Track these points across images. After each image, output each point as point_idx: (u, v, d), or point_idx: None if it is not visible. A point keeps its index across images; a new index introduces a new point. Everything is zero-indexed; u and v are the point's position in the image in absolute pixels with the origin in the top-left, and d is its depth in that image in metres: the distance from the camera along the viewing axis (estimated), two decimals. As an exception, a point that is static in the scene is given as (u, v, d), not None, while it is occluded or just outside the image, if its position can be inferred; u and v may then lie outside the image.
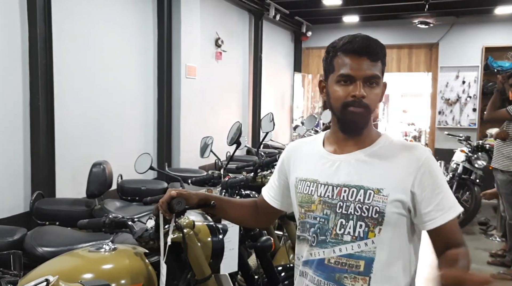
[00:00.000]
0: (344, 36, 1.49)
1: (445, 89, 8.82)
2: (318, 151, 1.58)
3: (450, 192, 1.46)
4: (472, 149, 6.62)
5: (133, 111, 5.05)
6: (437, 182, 1.44)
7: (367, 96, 1.43)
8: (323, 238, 1.48)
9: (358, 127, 1.49)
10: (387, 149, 1.49)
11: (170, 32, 5.42)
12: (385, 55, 1.49)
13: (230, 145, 3.17)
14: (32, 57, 3.69)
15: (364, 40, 1.45)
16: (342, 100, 1.45)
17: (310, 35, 9.64)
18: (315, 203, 1.51)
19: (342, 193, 1.46)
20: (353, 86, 1.43)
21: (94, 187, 3.27)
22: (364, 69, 1.43)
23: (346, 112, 1.45)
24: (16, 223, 3.25)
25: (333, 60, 1.48)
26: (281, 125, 9.06)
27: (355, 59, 1.43)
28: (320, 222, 1.49)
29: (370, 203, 1.42)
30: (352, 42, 1.45)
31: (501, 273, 4.76)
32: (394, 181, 1.43)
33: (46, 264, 1.85)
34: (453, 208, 1.44)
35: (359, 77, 1.42)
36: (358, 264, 1.43)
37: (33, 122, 3.73)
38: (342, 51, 1.46)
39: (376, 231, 1.42)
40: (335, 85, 1.47)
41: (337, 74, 1.45)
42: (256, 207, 1.80)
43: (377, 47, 1.45)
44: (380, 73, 1.46)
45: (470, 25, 8.58)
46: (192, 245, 1.95)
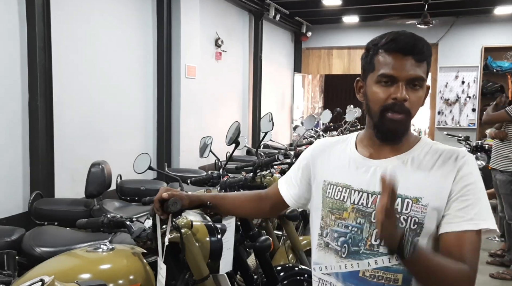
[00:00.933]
0: (386, 33, 1.37)
1: (444, 90, 8.82)
2: (351, 154, 1.47)
3: (482, 204, 1.31)
4: (471, 149, 6.61)
5: (133, 111, 5.05)
6: (470, 187, 1.31)
7: (409, 100, 1.31)
8: (356, 248, 1.37)
9: (397, 136, 1.38)
10: (426, 154, 1.38)
11: (170, 32, 5.42)
12: (431, 55, 1.38)
13: (229, 144, 3.17)
14: (31, 58, 3.69)
15: (410, 38, 1.33)
16: (381, 103, 1.34)
17: (310, 35, 9.65)
18: (347, 210, 1.40)
19: (377, 201, 1.32)
20: (394, 88, 1.32)
21: (93, 187, 3.26)
22: (408, 70, 1.31)
23: (384, 119, 1.34)
24: (14, 223, 3.25)
25: (374, 58, 1.36)
26: (281, 126, 9.05)
27: (399, 58, 1.32)
28: (353, 232, 1.38)
29: (408, 213, 1.31)
30: (396, 40, 1.33)
31: (500, 273, 4.76)
32: (433, 189, 1.32)
33: (43, 264, 1.84)
34: (473, 220, 1.28)
35: (402, 78, 1.31)
36: (396, 278, 1.32)
37: (32, 122, 3.73)
38: (385, 49, 1.34)
39: None
40: (374, 85, 1.35)
41: (378, 73, 1.34)
42: (259, 199, 1.74)
43: (423, 46, 1.34)
44: (425, 75, 1.35)
45: (470, 25, 8.59)
46: (190, 245, 1.94)
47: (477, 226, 1.28)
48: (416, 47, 1.32)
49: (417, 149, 1.39)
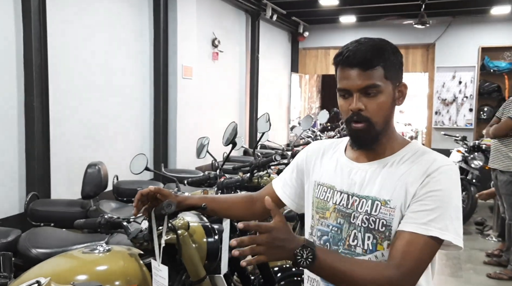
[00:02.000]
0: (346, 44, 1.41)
1: (441, 90, 8.83)
2: (339, 156, 1.53)
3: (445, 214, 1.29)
4: (468, 149, 6.63)
5: (129, 112, 5.04)
6: (435, 193, 1.30)
7: (366, 109, 1.36)
8: (335, 248, 1.42)
9: (364, 143, 1.42)
10: (406, 160, 1.39)
11: (167, 32, 5.41)
12: (387, 58, 1.37)
13: (226, 145, 3.16)
14: (27, 58, 3.67)
15: (355, 49, 1.36)
16: (345, 116, 1.41)
17: (307, 35, 9.64)
18: (329, 210, 1.45)
19: (355, 203, 1.40)
20: (350, 100, 1.38)
21: (89, 188, 3.25)
22: (356, 81, 1.35)
23: (350, 129, 1.41)
24: (10, 224, 3.24)
25: (336, 73, 1.43)
26: (279, 126, 9.05)
27: (347, 71, 1.37)
28: (333, 231, 1.43)
29: (376, 215, 1.35)
30: (341, 54, 1.38)
31: (498, 273, 4.76)
32: (403, 192, 1.34)
33: (39, 266, 1.84)
34: (426, 226, 1.28)
35: (354, 89, 1.36)
36: None
37: (28, 123, 3.71)
38: (337, 64, 1.41)
39: (384, 245, 1.34)
40: (339, 99, 1.43)
41: (337, 87, 1.42)
42: (251, 201, 1.76)
43: (370, 53, 1.35)
44: (379, 81, 1.35)
45: (467, 25, 8.60)
46: (187, 247, 1.94)
47: (427, 232, 1.28)
48: (359, 57, 1.35)
49: (398, 155, 1.42)
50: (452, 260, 5.27)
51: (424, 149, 1.44)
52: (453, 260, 5.27)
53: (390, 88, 1.38)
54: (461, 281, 4.68)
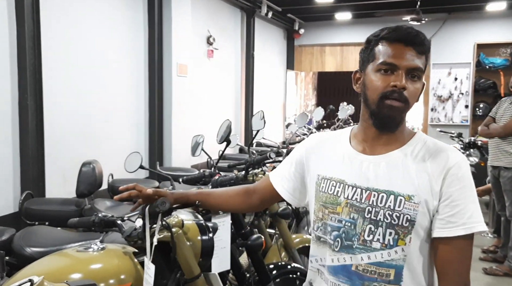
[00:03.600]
0: (387, 26, 1.41)
1: (437, 86, 8.84)
2: (344, 148, 1.49)
3: (473, 206, 1.33)
4: (464, 146, 6.63)
5: (124, 110, 5.03)
6: (461, 190, 1.33)
7: (408, 89, 1.34)
8: (349, 243, 1.39)
9: (393, 123, 1.40)
10: (419, 151, 1.40)
11: (161, 30, 5.39)
12: (429, 50, 1.40)
13: (220, 143, 3.16)
14: (20, 56, 3.66)
15: (412, 29, 1.37)
16: (380, 91, 1.35)
17: (302, 32, 9.63)
18: (341, 205, 1.42)
19: (372, 197, 1.37)
20: (394, 76, 1.34)
21: (84, 187, 3.24)
22: (408, 60, 1.34)
23: (382, 105, 1.35)
24: (5, 223, 3.21)
25: (375, 49, 1.39)
26: (274, 124, 9.05)
27: (401, 47, 1.34)
28: (346, 226, 1.40)
29: (400, 211, 1.33)
30: (398, 30, 1.37)
31: (494, 269, 4.78)
32: (426, 187, 1.34)
33: (33, 265, 1.83)
34: (466, 225, 1.31)
35: (403, 67, 1.33)
36: (388, 273, 1.36)
37: (22, 121, 3.70)
38: (387, 39, 1.37)
39: (406, 240, 1.34)
40: (374, 74, 1.38)
41: (378, 62, 1.36)
42: (247, 194, 1.75)
43: (425, 39, 1.37)
44: (423, 67, 1.38)
45: (462, 21, 8.61)
46: (181, 244, 1.93)
47: (471, 230, 1.32)
48: (418, 38, 1.36)
49: (411, 145, 1.41)
50: (448, 256, 5.29)
51: (432, 140, 1.45)
52: (449, 256, 5.28)
53: (422, 79, 1.40)
54: None
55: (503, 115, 4.80)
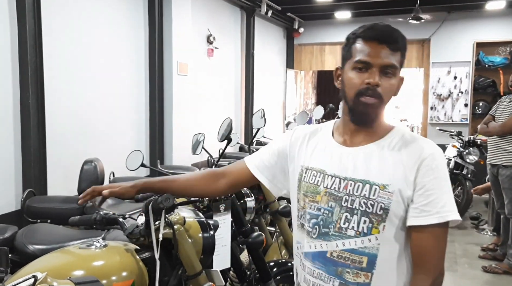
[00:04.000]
0: (365, 24, 1.46)
1: (437, 85, 8.85)
2: (326, 141, 1.56)
3: (447, 196, 1.40)
4: (463, 144, 6.66)
5: (125, 109, 5.04)
6: (436, 181, 1.38)
7: (381, 85, 1.39)
8: (326, 230, 1.45)
9: (369, 119, 1.46)
10: (396, 143, 1.45)
11: (162, 29, 5.40)
12: (405, 47, 1.45)
13: (221, 141, 3.17)
14: (21, 55, 3.67)
15: (386, 27, 1.43)
16: (356, 88, 1.41)
17: (302, 31, 9.63)
18: (320, 194, 1.48)
19: (349, 186, 1.43)
20: (368, 74, 1.40)
21: (86, 185, 3.26)
22: (382, 57, 1.39)
23: (358, 102, 1.42)
24: (7, 221, 3.23)
25: (352, 47, 1.45)
26: (274, 122, 9.06)
27: (374, 46, 1.40)
28: (324, 214, 1.46)
29: (375, 199, 1.40)
30: (373, 29, 1.42)
31: (493, 267, 4.80)
32: (400, 177, 1.39)
33: (36, 262, 1.84)
34: (439, 214, 1.37)
35: (376, 64, 1.39)
36: (361, 260, 1.41)
37: (23, 120, 3.71)
38: (362, 38, 1.43)
39: (380, 228, 1.40)
40: (350, 71, 1.44)
41: (354, 60, 1.42)
42: (213, 177, 1.75)
43: (398, 36, 1.43)
44: (398, 64, 1.42)
45: (462, 20, 8.61)
46: (183, 241, 1.95)
47: (444, 219, 1.38)
48: (392, 36, 1.41)
49: (388, 138, 1.47)
50: (448, 254, 5.28)
51: (409, 132, 1.51)
52: (449, 255, 5.30)
53: (399, 75, 1.45)
54: (456, 275, 4.72)
55: (502, 114, 4.82)
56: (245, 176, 1.71)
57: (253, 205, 2.87)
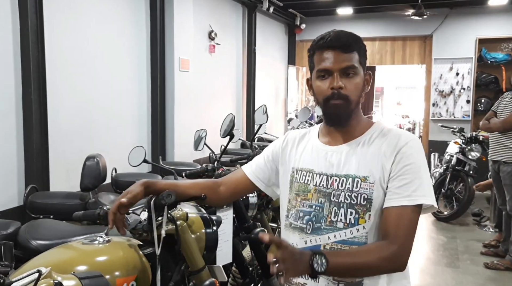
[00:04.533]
0: (319, 35, 1.56)
1: (439, 81, 8.84)
2: (313, 142, 1.67)
3: (421, 182, 1.47)
4: (465, 141, 6.65)
5: (127, 105, 5.04)
6: (409, 166, 1.47)
7: (345, 87, 1.50)
8: (318, 225, 1.54)
9: (341, 119, 1.56)
10: (375, 138, 1.56)
11: (163, 25, 5.40)
12: (361, 46, 1.55)
13: (223, 137, 3.17)
14: (24, 50, 3.67)
15: (336, 34, 1.52)
16: (323, 95, 1.52)
17: (304, 27, 9.61)
18: (311, 192, 1.58)
19: (335, 182, 1.54)
20: (330, 79, 1.51)
21: (88, 180, 3.26)
22: (338, 62, 1.50)
23: (328, 106, 1.53)
24: (10, 216, 3.24)
25: (313, 58, 1.56)
26: (275, 119, 9.06)
27: (329, 53, 1.51)
28: (316, 210, 1.56)
29: (358, 191, 1.50)
30: (324, 38, 1.53)
31: (495, 263, 4.80)
32: (378, 167, 1.50)
33: (40, 257, 1.85)
34: (410, 197, 1.45)
35: (335, 69, 1.50)
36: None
37: (26, 115, 3.72)
38: (318, 48, 1.54)
39: (366, 217, 1.49)
40: (316, 81, 1.55)
41: (316, 69, 1.54)
42: (215, 186, 1.82)
43: (349, 39, 1.52)
44: (356, 63, 1.52)
45: (464, 16, 8.59)
46: (186, 237, 1.95)
47: (414, 202, 1.45)
48: (341, 40, 1.51)
49: (367, 134, 1.58)
50: (450, 251, 5.31)
51: (388, 127, 1.61)
52: (451, 251, 5.31)
53: (362, 73, 1.55)
54: (458, 272, 4.72)
55: (503, 110, 4.81)
56: (243, 182, 1.81)
57: (255, 201, 2.87)
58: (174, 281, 1.97)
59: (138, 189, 1.72)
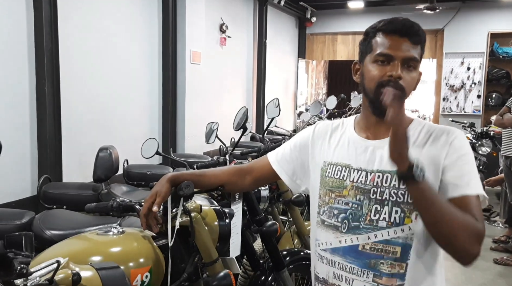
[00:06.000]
0: (383, 19, 1.47)
1: (449, 76, 8.78)
2: (349, 136, 1.56)
3: (475, 174, 1.38)
4: (476, 136, 6.62)
5: (139, 97, 5.06)
6: (463, 159, 1.38)
7: (403, 78, 1.39)
8: (356, 224, 1.45)
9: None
10: (420, 133, 1.46)
11: (175, 17, 5.40)
12: (425, 41, 1.46)
13: (237, 130, 3.18)
14: (38, 42, 3.69)
15: (406, 21, 1.43)
16: (377, 80, 1.41)
17: (314, 21, 9.57)
18: (347, 188, 1.48)
19: (376, 178, 1.43)
20: (390, 66, 1.40)
21: (101, 172, 3.28)
22: (404, 50, 1.40)
23: (380, 93, 1.38)
24: (23, 206, 3.27)
25: (372, 40, 1.46)
26: (285, 112, 9.05)
27: (396, 39, 1.41)
28: (353, 208, 1.46)
29: (405, 188, 1.38)
30: (394, 22, 1.43)
31: (505, 259, 4.79)
32: (428, 163, 1.37)
33: (55, 247, 1.86)
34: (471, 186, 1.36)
35: (398, 57, 1.40)
36: (395, 250, 1.40)
37: (39, 106, 3.74)
38: (383, 31, 1.43)
39: (412, 217, 1.39)
40: (371, 65, 1.44)
41: (375, 53, 1.43)
42: (239, 173, 1.76)
43: (419, 30, 1.43)
44: (419, 57, 1.43)
45: (476, 10, 8.51)
46: (200, 229, 1.96)
47: (476, 191, 1.35)
48: (412, 29, 1.42)
49: (411, 129, 1.45)
50: (459, 246, 5.30)
51: (429, 123, 1.51)
52: (460, 246, 5.29)
53: (419, 69, 1.46)
54: (467, 267, 4.71)
55: None
56: (267, 171, 1.73)
57: (267, 194, 2.88)
58: (187, 273, 1.99)
59: (165, 188, 1.67)
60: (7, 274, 1.23)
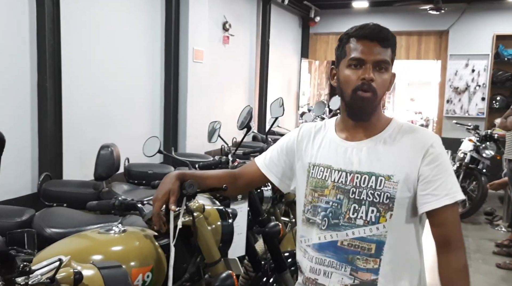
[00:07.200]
0: (355, 25, 1.55)
1: (454, 78, 8.73)
2: (331, 137, 1.64)
3: (452, 179, 1.50)
4: (480, 138, 6.58)
5: (141, 95, 5.03)
6: (440, 166, 1.48)
7: (375, 80, 1.48)
8: (335, 221, 1.54)
9: (366, 113, 1.55)
10: (396, 135, 1.55)
11: (178, 15, 5.37)
12: (395, 44, 1.55)
13: (240, 129, 3.15)
14: (40, 38, 3.66)
15: (376, 26, 1.52)
16: (352, 84, 1.50)
17: (318, 20, 9.53)
18: (328, 188, 1.56)
19: (355, 179, 1.52)
20: (362, 70, 1.49)
21: (102, 170, 3.25)
22: (374, 54, 1.48)
23: (355, 97, 1.50)
24: (23, 204, 3.25)
25: (345, 46, 1.54)
26: (287, 112, 8.94)
27: (366, 43, 1.49)
28: (333, 206, 1.54)
29: (381, 189, 1.49)
30: (364, 28, 1.52)
31: (507, 263, 4.75)
32: (404, 167, 1.49)
33: (56, 245, 1.84)
34: (449, 195, 1.47)
35: (369, 61, 1.48)
36: (370, 247, 1.50)
37: (40, 103, 3.71)
38: (354, 37, 1.52)
39: (387, 216, 1.49)
40: (345, 69, 1.52)
41: (348, 58, 1.51)
42: (233, 178, 1.83)
43: (388, 34, 1.52)
44: (389, 60, 1.52)
45: (481, 12, 8.46)
46: (202, 229, 1.94)
47: (454, 199, 1.48)
48: (382, 34, 1.51)
49: (388, 130, 1.57)
50: (461, 249, 5.26)
51: (406, 124, 1.61)
52: (462, 249, 5.26)
53: (391, 71, 1.55)
54: (470, 271, 4.65)
55: None
56: (257, 175, 1.81)
57: (270, 195, 2.86)
58: (189, 273, 1.96)
59: (176, 186, 1.70)
60: (9, 271, 1.22)
